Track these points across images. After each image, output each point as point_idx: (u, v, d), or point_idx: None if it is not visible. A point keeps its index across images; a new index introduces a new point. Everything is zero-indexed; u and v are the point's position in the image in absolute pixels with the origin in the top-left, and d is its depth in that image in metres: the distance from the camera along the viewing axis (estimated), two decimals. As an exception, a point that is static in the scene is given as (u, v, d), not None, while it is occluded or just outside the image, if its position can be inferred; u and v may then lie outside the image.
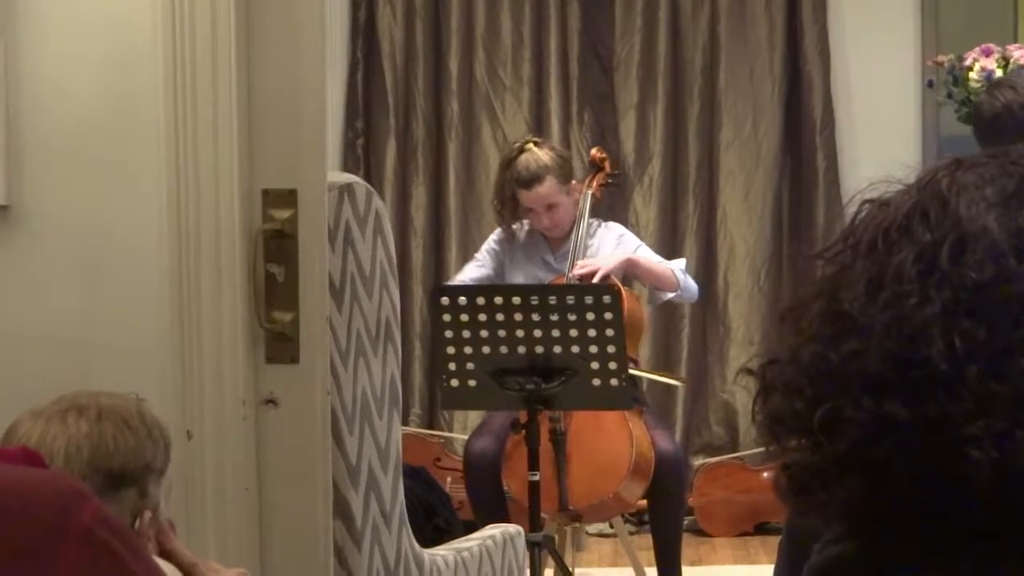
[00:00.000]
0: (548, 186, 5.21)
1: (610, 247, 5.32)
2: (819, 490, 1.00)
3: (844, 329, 0.98)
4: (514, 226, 5.37)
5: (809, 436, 0.99)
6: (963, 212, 0.97)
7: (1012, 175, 0.99)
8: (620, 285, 5.08)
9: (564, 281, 5.15)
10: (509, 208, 5.31)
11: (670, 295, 5.34)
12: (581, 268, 5.18)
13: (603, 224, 5.44)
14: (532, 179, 5.21)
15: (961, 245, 0.96)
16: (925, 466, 0.95)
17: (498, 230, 5.48)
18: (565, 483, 4.92)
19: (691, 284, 5.34)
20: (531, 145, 5.33)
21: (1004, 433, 0.92)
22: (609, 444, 5.01)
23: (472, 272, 5.40)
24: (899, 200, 1.00)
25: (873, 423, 0.96)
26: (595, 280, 5.11)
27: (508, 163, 5.32)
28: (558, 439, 4.92)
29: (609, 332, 4.44)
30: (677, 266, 5.33)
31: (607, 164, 5.55)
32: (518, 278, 5.31)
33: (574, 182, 5.33)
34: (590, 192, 5.38)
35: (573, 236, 5.28)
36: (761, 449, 6.15)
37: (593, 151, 5.68)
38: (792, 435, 1.01)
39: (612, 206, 6.45)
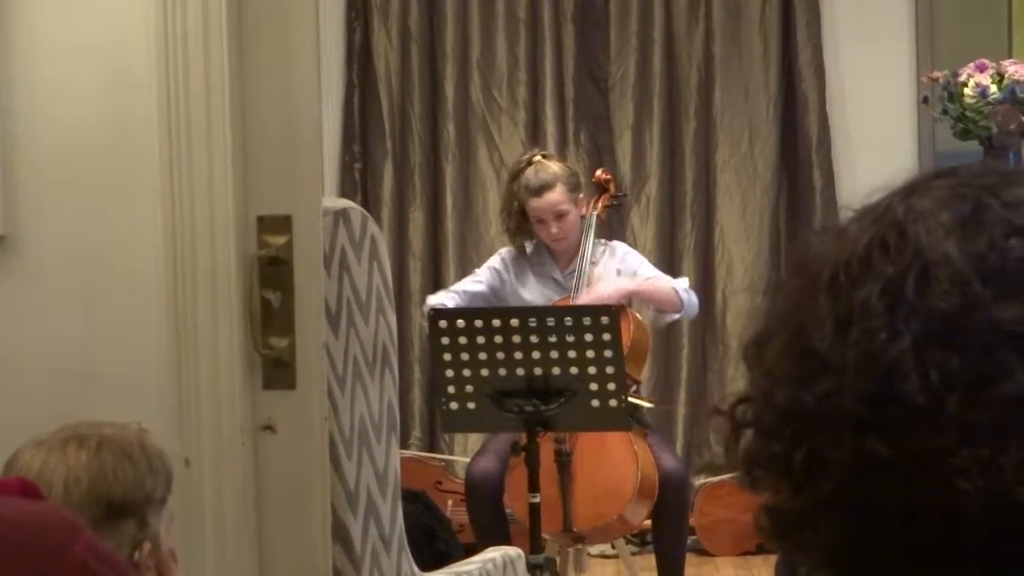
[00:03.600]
0: (558, 193, 5.24)
1: (613, 272, 5.32)
2: (805, 531, 0.99)
3: (816, 369, 0.96)
4: (526, 243, 5.37)
5: (790, 479, 0.98)
6: (923, 241, 0.96)
7: (966, 197, 0.98)
8: (627, 308, 5.09)
9: (571, 302, 5.15)
10: (516, 220, 5.33)
11: (675, 316, 5.34)
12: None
13: (607, 245, 5.44)
14: (542, 186, 5.24)
15: (925, 275, 0.95)
16: (913, 501, 0.94)
17: (504, 249, 5.49)
18: (570, 504, 4.92)
19: (693, 302, 5.31)
20: (539, 157, 5.38)
21: (989, 461, 0.92)
22: (614, 466, 5.01)
23: (466, 285, 5.42)
24: (855, 231, 0.99)
25: (856, 462, 0.94)
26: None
27: (516, 175, 5.36)
28: (563, 460, 4.92)
29: (607, 353, 4.44)
30: (680, 285, 5.31)
31: (612, 185, 5.57)
32: (527, 296, 5.31)
33: (581, 195, 5.35)
34: (595, 213, 5.39)
35: (578, 258, 5.29)
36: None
37: (598, 172, 5.69)
38: (771, 477, 1.00)
39: (610, 227, 6.45)
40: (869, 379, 0.94)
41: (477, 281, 5.41)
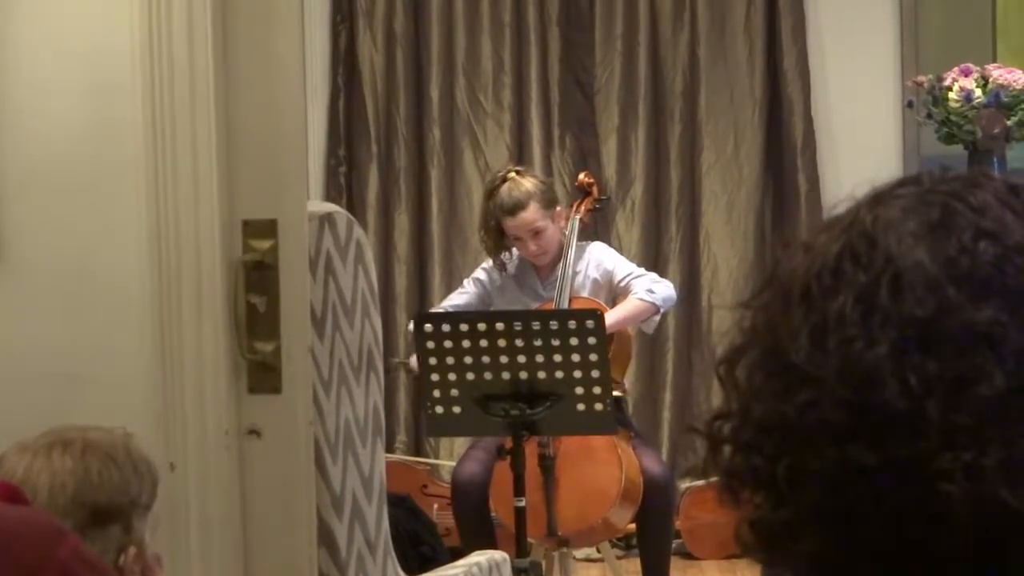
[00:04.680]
0: (532, 211, 5.21)
1: (592, 277, 5.31)
2: (789, 542, 0.99)
3: (793, 381, 0.96)
4: (503, 256, 5.36)
5: (772, 491, 0.99)
6: (893, 249, 0.96)
7: (933, 204, 0.98)
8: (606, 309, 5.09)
9: (552, 307, 5.15)
10: (493, 238, 5.31)
11: (657, 318, 5.34)
12: None
13: (588, 247, 5.42)
14: (516, 206, 5.21)
15: (898, 281, 0.95)
16: (898, 506, 0.94)
17: (489, 260, 5.48)
18: (554, 508, 4.92)
19: (664, 295, 5.24)
20: (513, 174, 5.34)
21: (972, 463, 0.92)
22: (598, 470, 5.01)
23: (454, 299, 5.42)
24: (824, 243, 0.99)
25: (839, 471, 0.94)
26: None
27: (491, 193, 5.33)
28: (547, 464, 4.92)
29: (593, 357, 4.44)
30: (641, 289, 5.26)
31: (595, 189, 5.56)
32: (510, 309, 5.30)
33: (558, 208, 5.33)
34: (578, 217, 5.38)
35: (562, 263, 5.28)
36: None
37: (581, 176, 5.68)
38: (752, 491, 1.01)
39: (595, 230, 6.45)
40: (848, 387, 0.94)
41: (462, 292, 5.41)
